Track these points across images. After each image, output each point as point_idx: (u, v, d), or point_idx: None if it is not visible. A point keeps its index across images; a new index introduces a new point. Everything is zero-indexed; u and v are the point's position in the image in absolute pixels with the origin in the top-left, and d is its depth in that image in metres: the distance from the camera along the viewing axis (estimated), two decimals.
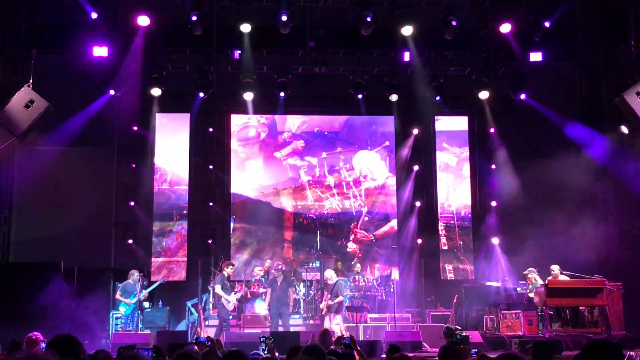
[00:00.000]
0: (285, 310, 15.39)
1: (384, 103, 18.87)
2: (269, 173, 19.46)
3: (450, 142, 19.58)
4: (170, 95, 18.71)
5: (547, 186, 18.13)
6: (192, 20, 16.76)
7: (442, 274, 18.86)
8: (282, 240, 19.27)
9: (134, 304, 15.25)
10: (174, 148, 18.83)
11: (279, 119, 19.61)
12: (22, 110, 14.89)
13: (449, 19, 17.02)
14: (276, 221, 19.34)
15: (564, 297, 14.73)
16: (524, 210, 17.88)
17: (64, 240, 17.60)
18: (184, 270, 18.31)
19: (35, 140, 16.65)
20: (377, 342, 13.21)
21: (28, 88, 15.12)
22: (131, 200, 18.52)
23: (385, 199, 19.56)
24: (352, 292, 16.52)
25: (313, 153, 19.60)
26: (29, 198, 18.12)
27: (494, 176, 19.06)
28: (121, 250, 18.17)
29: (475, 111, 19.59)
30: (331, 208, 19.41)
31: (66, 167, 18.05)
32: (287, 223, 19.32)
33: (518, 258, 17.37)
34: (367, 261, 19.06)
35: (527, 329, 14.72)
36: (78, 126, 17.47)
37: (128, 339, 13.84)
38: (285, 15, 16.87)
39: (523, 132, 19.04)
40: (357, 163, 19.64)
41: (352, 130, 19.80)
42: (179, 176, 18.73)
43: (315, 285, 17.40)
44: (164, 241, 18.47)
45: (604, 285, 14.72)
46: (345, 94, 18.72)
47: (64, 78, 17.71)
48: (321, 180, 19.49)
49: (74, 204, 18.07)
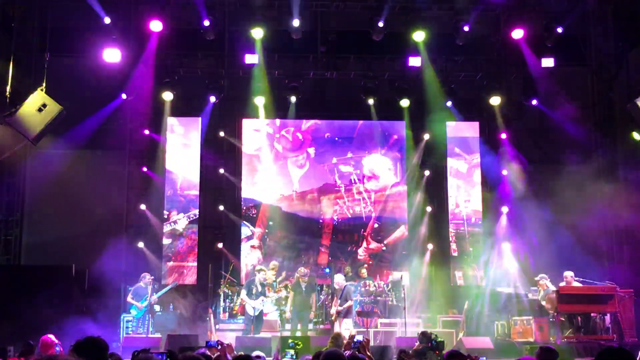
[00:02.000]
0: (307, 314, 15.36)
1: (395, 108, 18.89)
2: (282, 178, 19.43)
3: (461, 148, 19.52)
4: (182, 100, 18.79)
5: (559, 192, 18.08)
6: (205, 25, 16.85)
7: (453, 280, 18.80)
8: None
9: (145, 307, 15.28)
10: (185, 152, 18.86)
11: (290, 124, 19.59)
12: (35, 114, 15.00)
13: (460, 24, 17.06)
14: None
15: (575, 303, 14.66)
16: (535, 217, 17.81)
17: (76, 243, 17.66)
18: (195, 274, 18.33)
19: (48, 143, 16.74)
20: (387, 348, 13.19)
21: (41, 92, 15.23)
22: (142, 203, 18.57)
23: (396, 204, 19.51)
24: (363, 297, 16.51)
25: (323, 159, 19.57)
26: (41, 201, 18.21)
27: (505, 182, 19.01)
28: (132, 253, 18.21)
29: (486, 116, 19.55)
30: (341, 213, 19.38)
31: (78, 170, 18.12)
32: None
33: (529, 264, 17.32)
34: (377, 267, 19.02)
35: (539, 336, 14.65)
36: (90, 130, 17.56)
37: (139, 342, 13.87)
38: (297, 21, 16.94)
39: (534, 137, 18.99)
40: (368, 169, 19.61)
41: (362, 136, 19.76)
42: (189, 180, 18.76)
43: (325, 290, 17.38)
44: (174, 245, 18.49)
45: (615, 292, 14.64)
46: (356, 98, 18.76)
47: (76, 82, 17.82)
48: (331, 186, 19.46)
49: (85, 207, 18.12)
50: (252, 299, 15.12)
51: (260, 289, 15.27)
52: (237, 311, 16.76)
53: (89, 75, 18.34)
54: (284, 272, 18.04)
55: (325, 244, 19.18)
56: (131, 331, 15.25)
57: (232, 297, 17.18)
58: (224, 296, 17.17)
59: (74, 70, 18.26)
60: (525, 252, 17.91)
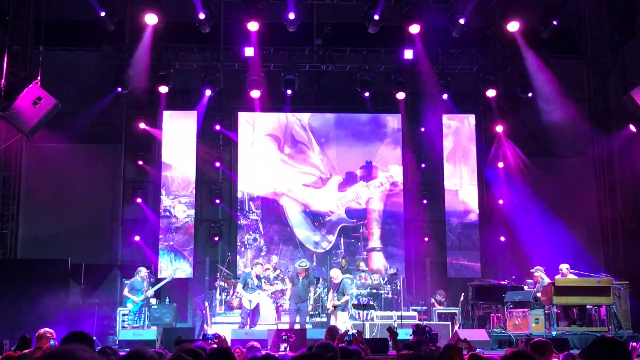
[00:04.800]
0: (304, 307, 15.36)
1: (391, 101, 18.90)
2: (279, 172, 19.40)
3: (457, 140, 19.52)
4: (178, 93, 18.81)
5: (554, 184, 18.13)
6: (200, 18, 16.80)
7: (449, 272, 18.83)
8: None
9: (141, 301, 15.29)
10: (181, 145, 18.83)
11: (289, 117, 19.56)
12: (30, 107, 14.95)
13: (456, 17, 17.04)
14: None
15: (571, 295, 14.68)
16: (530, 209, 17.86)
17: (72, 236, 17.68)
18: (191, 268, 18.34)
19: (43, 137, 16.70)
20: (384, 340, 13.20)
21: (36, 85, 15.18)
22: (138, 197, 18.57)
23: (393, 197, 19.51)
24: (359, 290, 16.53)
25: (320, 151, 19.55)
26: (37, 195, 18.22)
27: (501, 175, 19.04)
28: (128, 247, 18.22)
29: (482, 109, 19.58)
30: (340, 206, 19.37)
31: (74, 164, 18.14)
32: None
33: (525, 256, 17.36)
34: (373, 259, 19.04)
35: (534, 328, 14.68)
36: (86, 123, 17.53)
37: (135, 335, 13.89)
38: (293, 13, 16.90)
39: (530, 130, 19.01)
40: (366, 162, 19.59)
41: (359, 128, 19.75)
42: (185, 173, 18.74)
43: (322, 282, 17.38)
44: (171, 238, 18.48)
45: (611, 284, 14.68)
46: (352, 91, 18.76)
47: (72, 75, 17.80)
48: (330, 179, 19.44)
49: (81, 200, 18.15)
50: (248, 292, 15.14)
51: (256, 282, 15.28)
52: (234, 304, 16.76)
53: (84, 68, 18.33)
54: (281, 266, 18.04)
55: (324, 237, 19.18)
56: (127, 324, 15.24)
57: (228, 291, 17.18)
58: (220, 290, 17.17)
59: (69, 63, 18.25)
60: (520, 244, 17.94)
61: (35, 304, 14.42)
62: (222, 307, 17.00)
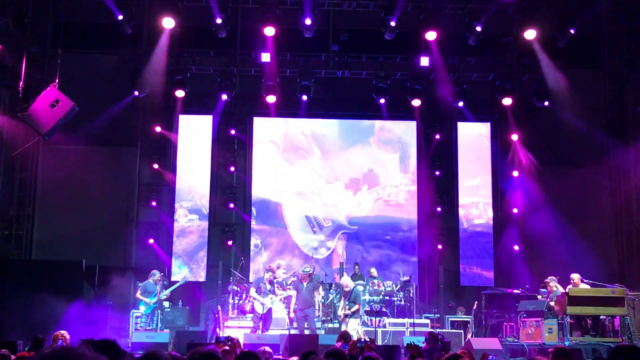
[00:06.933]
0: (311, 312, 15.33)
1: (406, 108, 18.88)
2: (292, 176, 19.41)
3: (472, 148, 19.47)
4: (194, 97, 18.87)
5: (569, 193, 18.03)
6: (217, 23, 16.86)
7: (462, 280, 18.77)
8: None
9: (154, 303, 15.32)
10: (197, 149, 18.89)
11: (300, 123, 19.59)
12: (48, 110, 15.03)
13: (473, 24, 17.00)
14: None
15: (585, 305, 14.58)
16: (545, 218, 17.76)
17: (86, 238, 17.76)
18: (204, 271, 18.37)
19: (60, 139, 16.80)
20: (396, 347, 13.16)
21: (54, 87, 15.26)
22: (153, 200, 18.64)
23: (406, 204, 19.48)
24: (372, 297, 16.50)
25: (335, 158, 19.55)
26: (53, 196, 18.32)
27: (516, 183, 18.96)
28: (142, 249, 18.29)
29: (498, 117, 19.51)
30: (353, 212, 19.35)
31: (89, 166, 18.22)
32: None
33: (539, 266, 17.28)
34: (386, 266, 19.00)
35: (547, 337, 14.60)
36: (102, 126, 17.62)
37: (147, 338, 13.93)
38: (309, 19, 16.93)
39: (546, 139, 18.92)
40: (379, 168, 19.58)
41: (374, 134, 19.74)
42: (200, 177, 18.79)
43: (335, 289, 17.36)
44: (184, 242, 18.53)
45: (625, 294, 14.58)
46: (367, 98, 18.76)
47: (89, 78, 17.90)
48: (343, 185, 19.44)
49: (96, 203, 18.23)
50: (261, 297, 15.14)
51: (269, 287, 15.28)
52: (246, 309, 16.77)
53: (102, 71, 18.43)
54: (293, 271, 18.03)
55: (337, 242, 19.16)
56: (140, 327, 15.28)
57: (240, 295, 17.19)
58: (233, 294, 17.19)
59: (86, 66, 18.35)
60: (535, 253, 17.86)
61: (49, 305, 14.46)
62: (234, 311, 17.01)
